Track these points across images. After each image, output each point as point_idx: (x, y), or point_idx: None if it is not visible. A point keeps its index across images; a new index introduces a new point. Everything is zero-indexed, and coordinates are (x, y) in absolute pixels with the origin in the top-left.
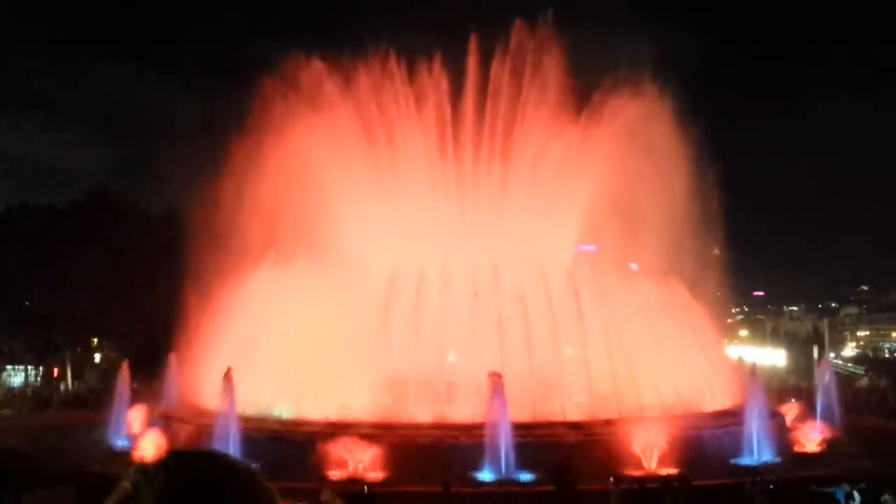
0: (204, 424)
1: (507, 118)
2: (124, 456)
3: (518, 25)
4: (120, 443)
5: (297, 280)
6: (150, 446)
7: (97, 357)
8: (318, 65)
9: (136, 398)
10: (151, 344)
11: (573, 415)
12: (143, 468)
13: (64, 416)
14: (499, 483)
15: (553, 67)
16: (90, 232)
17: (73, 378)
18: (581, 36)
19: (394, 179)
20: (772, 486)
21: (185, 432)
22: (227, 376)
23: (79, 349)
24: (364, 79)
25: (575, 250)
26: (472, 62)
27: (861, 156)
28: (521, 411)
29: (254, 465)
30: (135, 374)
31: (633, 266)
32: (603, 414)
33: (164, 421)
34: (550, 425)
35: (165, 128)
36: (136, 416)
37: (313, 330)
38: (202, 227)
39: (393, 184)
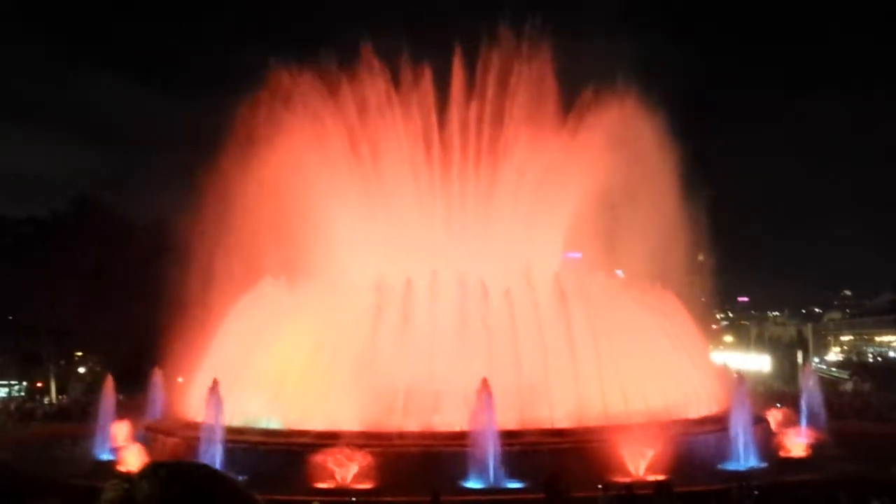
0: (190, 437)
1: (493, 127)
2: (109, 469)
3: (504, 32)
4: (104, 456)
5: (284, 292)
6: (134, 459)
7: (81, 370)
8: (303, 76)
9: (120, 411)
10: (136, 356)
11: (561, 422)
12: (127, 478)
13: (48, 430)
14: (487, 491)
15: (539, 75)
16: (73, 242)
17: (57, 391)
18: (568, 43)
19: (379, 189)
20: (756, 493)
21: (170, 445)
22: (214, 388)
23: (63, 362)
24: (349, 89)
25: (561, 258)
26: (456, 71)
27: (844, 159)
28: (508, 419)
29: (240, 477)
30: (120, 386)
31: (619, 273)
32: (590, 421)
33: (149, 434)
34: (538, 433)
35: (149, 137)
36: (120, 429)
37: (300, 341)
38: (187, 238)
39: (379, 194)
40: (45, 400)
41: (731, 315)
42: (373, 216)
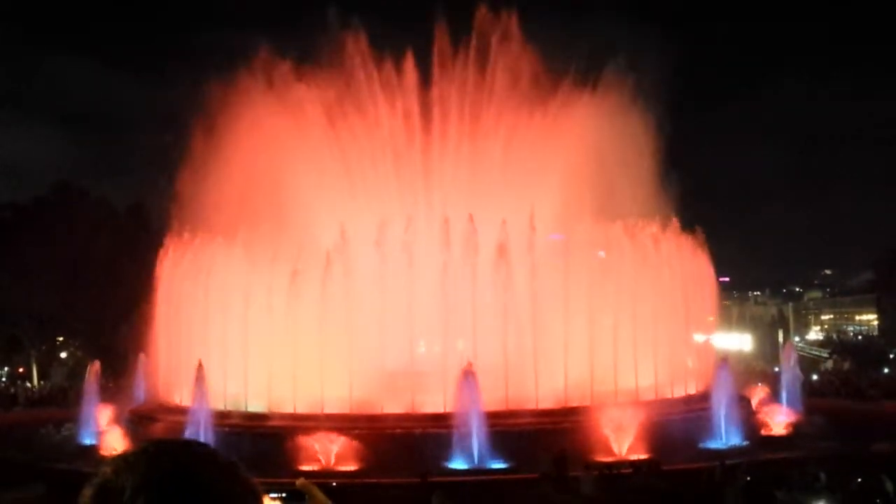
0: (174, 421)
1: (473, 108)
2: (93, 453)
3: (484, 9)
4: (88, 440)
5: (263, 271)
6: (118, 443)
7: (63, 355)
8: (276, 50)
9: (104, 395)
10: (119, 340)
11: (546, 402)
12: (124, 455)
13: (31, 415)
14: (471, 472)
15: (520, 57)
16: (54, 227)
17: (39, 376)
18: (550, 22)
19: (362, 177)
20: (748, 477)
21: (155, 429)
22: (199, 371)
23: (44, 347)
24: (324, 66)
25: (544, 240)
26: (438, 49)
27: (826, 139)
28: (493, 398)
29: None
30: (102, 370)
31: (601, 254)
32: (575, 401)
33: (133, 418)
34: (522, 414)
35: (125, 121)
36: (104, 414)
37: (282, 322)
38: (168, 219)
39: (362, 181)
40: (27, 385)
41: None
42: (356, 201)
